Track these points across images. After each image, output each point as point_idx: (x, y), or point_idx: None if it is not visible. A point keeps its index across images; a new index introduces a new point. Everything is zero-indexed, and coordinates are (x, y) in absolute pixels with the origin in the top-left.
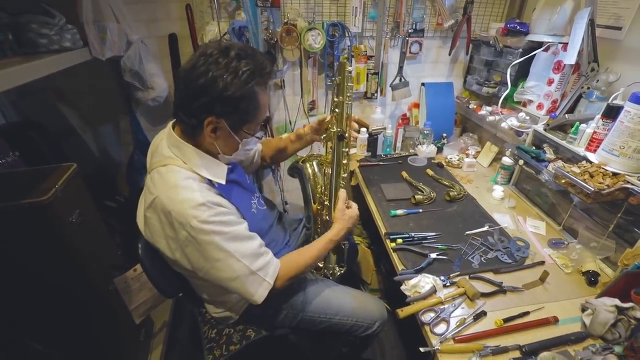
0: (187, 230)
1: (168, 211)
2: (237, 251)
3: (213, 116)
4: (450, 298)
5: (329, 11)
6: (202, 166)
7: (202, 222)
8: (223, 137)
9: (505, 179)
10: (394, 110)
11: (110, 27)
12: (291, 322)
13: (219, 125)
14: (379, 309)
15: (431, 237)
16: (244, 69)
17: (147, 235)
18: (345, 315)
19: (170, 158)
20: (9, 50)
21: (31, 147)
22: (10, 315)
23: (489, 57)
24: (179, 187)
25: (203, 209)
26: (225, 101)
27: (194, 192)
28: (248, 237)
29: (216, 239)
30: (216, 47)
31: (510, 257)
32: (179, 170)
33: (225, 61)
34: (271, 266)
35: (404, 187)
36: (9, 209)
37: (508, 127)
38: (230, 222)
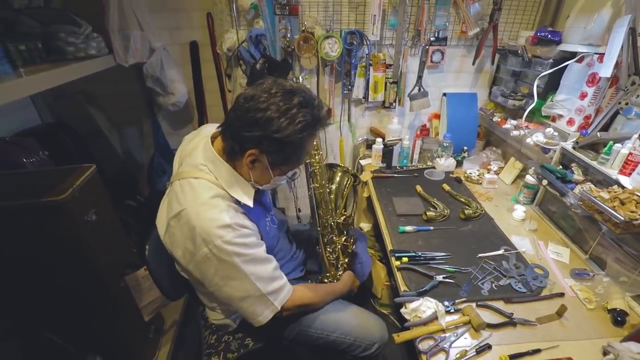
0: (209, 248)
1: (193, 226)
2: (253, 273)
3: (257, 150)
4: (453, 326)
5: (347, 19)
6: (233, 186)
7: (225, 243)
8: (259, 170)
9: (528, 199)
10: (413, 120)
11: (134, 35)
12: (289, 335)
13: (259, 158)
14: (379, 330)
15: (440, 257)
16: (301, 119)
17: (166, 241)
18: (344, 333)
19: (204, 172)
20: (38, 57)
21: (60, 148)
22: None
23: (516, 68)
24: (208, 204)
25: (229, 230)
26: (273, 141)
27: (222, 212)
28: (266, 260)
29: (236, 260)
30: (281, 88)
31: (525, 285)
32: (211, 187)
33: (286, 106)
34: (282, 291)
35: (416, 202)
36: (27, 206)
37: (533, 143)
38: (252, 244)
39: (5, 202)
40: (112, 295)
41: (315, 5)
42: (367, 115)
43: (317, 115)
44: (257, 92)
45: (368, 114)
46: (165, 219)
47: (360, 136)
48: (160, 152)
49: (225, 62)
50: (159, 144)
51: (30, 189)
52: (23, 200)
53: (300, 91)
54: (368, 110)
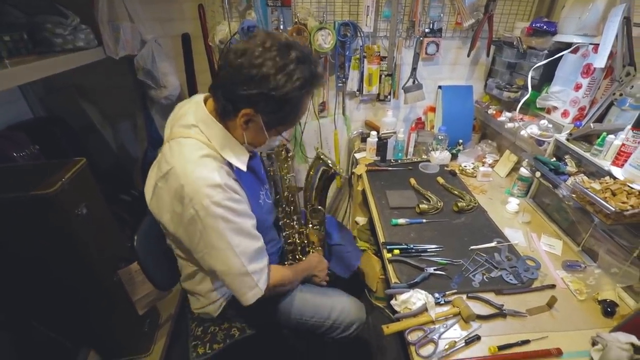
0: (195, 209)
1: (181, 184)
2: (238, 245)
3: (252, 109)
4: (443, 318)
5: (341, 10)
6: (226, 148)
7: (213, 204)
8: (254, 130)
9: (522, 191)
10: (408, 113)
11: (124, 27)
12: (270, 323)
13: (254, 119)
14: (357, 310)
15: (432, 250)
16: (299, 75)
17: (153, 206)
18: (322, 317)
19: (194, 132)
20: (24, 49)
21: (52, 142)
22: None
23: (511, 59)
24: (198, 162)
25: (218, 190)
26: (270, 100)
27: (213, 172)
28: (253, 236)
29: (222, 225)
30: (276, 42)
31: (516, 277)
32: (201, 146)
33: (283, 62)
34: (264, 273)
35: (410, 195)
36: (16, 200)
37: (528, 136)
38: (241, 212)
39: None
40: (105, 289)
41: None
42: (362, 108)
43: (315, 72)
44: (249, 46)
45: (363, 107)
46: (153, 181)
47: (355, 129)
48: (154, 146)
49: (217, 55)
50: (152, 137)
51: (19, 182)
52: (12, 193)
53: (296, 45)
54: (363, 103)
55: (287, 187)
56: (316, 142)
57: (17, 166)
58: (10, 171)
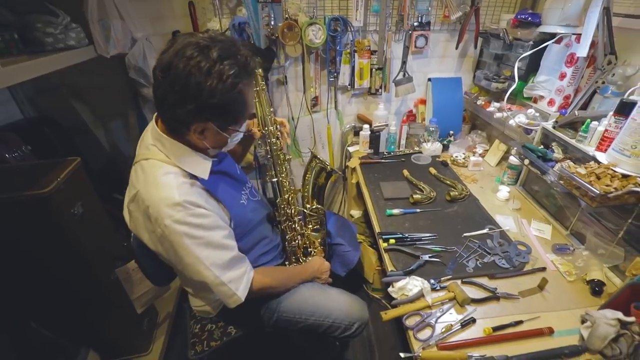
0: (161, 228)
1: (147, 206)
2: (207, 258)
3: (200, 121)
4: (439, 303)
5: (331, 5)
6: (185, 160)
7: (174, 222)
8: (211, 136)
9: (512, 179)
10: (400, 106)
11: (115, 25)
12: (268, 322)
13: (206, 127)
14: (359, 310)
15: (426, 238)
16: (229, 73)
17: (132, 227)
18: (322, 315)
19: (153, 152)
20: (15, 49)
21: (44, 142)
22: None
23: (498, 51)
24: (157, 183)
25: (178, 208)
26: (210, 108)
27: (172, 190)
28: (222, 246)
29: (187, 242)
30: (194, 47)
31: (508, 262)
32: (161, 165)
33: (207, 65)
34: (243, 280)
35: (403, 186)
36: (11, 200)
37: (516, 125)
38: (206, 226)
39: None
40: (103, 288)
41: None
42: (354, 102)
43: (243, 62)
44: (171, 59)
45: (355, 100)
46: (126, 205)
47: (348, 123)
48: None
49: None
50: None
51: (14, 183)
52: (7, 194)
53: (216, 42)
54: (354, 97)
55: (286, 190)
56: (309, 137)
57: (11, 167)
58: (5, 172)
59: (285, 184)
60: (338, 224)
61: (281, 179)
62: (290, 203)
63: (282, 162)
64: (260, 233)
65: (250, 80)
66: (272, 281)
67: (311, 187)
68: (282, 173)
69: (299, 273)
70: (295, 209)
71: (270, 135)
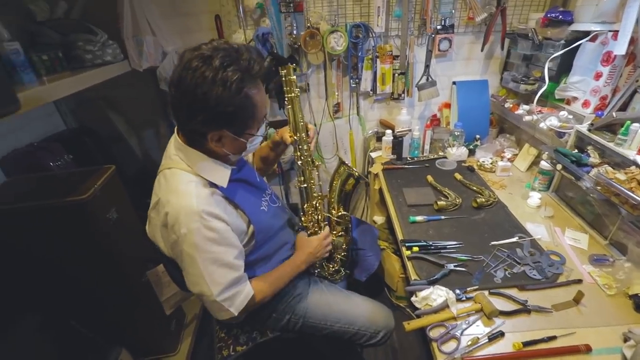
0: (176, 234)
1: (165, 213)
2: (209, 275)
3: (214, 130)
4: (465, 314)
5: (352, 13)
6: (205, 169)
7: (189, 232)
8: (229, 143)
9: (543, 185)
10: (423, 111)
11: (147, 40)
12: (294, 327)
13: (222, 134)
14: (384, 318)
15: (451, 246)
16: (232, 79)
17: (150, 233)
18: (347, 322)
19: (175, 161)
20: (59, 66)
21: (84, 151)
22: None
23: (527, 51)
24: (178, 191)
25: (195, 218)
26: (221, 116)
27: (191, 198)
28: (228, 265)
29: (196, 254)
30: (199, 58)
31: (540, 272)
32: (181, 174)
33: (211, 74)
34: (239, 297)
35: (427, 192)
36: (53, 206)
37: (547, 128)
38: (218, 240)
39: (33, 202)
40: (134, 290)
41: (319, 0)
42: (376, 107)
43: (246, 66)
44: (180, 73)
45: (377, 106)
46: (148, 213)
47: (370, 129)
48: None
49: None
50: None
51: (55, 189)
52: (49, 200)
53: (218, 50)
54: (377, 103)
55: (315, 196)
56: (332, 143)
57: (54, 174)
58: (48, 179)
59: (314, 190)
60: (360, 230)
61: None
62: (317, 209)
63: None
64: (281, 239)
65: (256, 83)
66: (272, 287)
67: (337, 193)
68: (311, 179)
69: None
70: (322, 214)
71: (302, 141)
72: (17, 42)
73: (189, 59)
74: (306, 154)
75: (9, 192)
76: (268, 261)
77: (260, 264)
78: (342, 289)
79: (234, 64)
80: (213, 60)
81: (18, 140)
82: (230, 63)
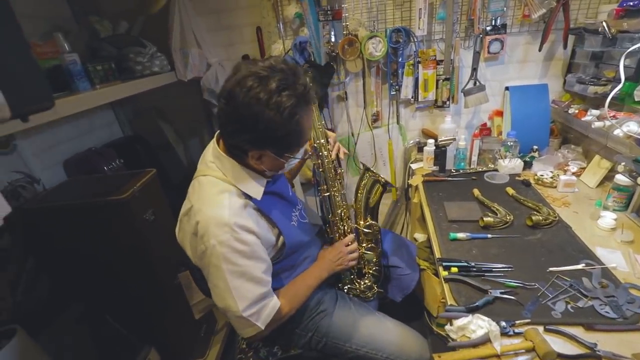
0: (205, 245)
1: (196, 221)
2: (236, 289)
3: (257, 149)
4: (512, 352)
5: (392, 17)
6: (240, 180)
7: (219, 244)
8: (268, 161)
9: (620, 204)
10: (471, 119)
11: (192, 52)
12: (317, 346)
13: (264, 154)
14: (417, 348)
15: (498, 269)
16: (286, 104)
17: (179, 237)
18: (375, 348)
19: (212, 169)
20: (112, 76)
21: (134, 157)
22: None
23: (596, 48)
24: (210, 200)
25: (226, 229)
26: (267, 138)
27: (224, 209)
28: (256, 280)
29: (223, 266)
30: (254, 77)
31: (615, 310)
32: (217, 183)
33: (265, 96)
34: (265, 310)
35: (472, 207)
36: (97, 204)
37: (624, 135)
38: (249, 254)
39: (80, 200)
40: (166, 291)
41: (358, 7)
42: (418, 116)
43: (302, 92)
44: (233, 88)
45: (419, 114)
46: (180, 218)
47: (412, 139)
48: None
49: None
50: None
51: (103, 190)
52: (94, 198)
53: (275, 71)
54: (419, 111)
55: (339, 206)
56: (370, 154)
57: (105, 176)
58: (99, 180)
59: (337, 199)
60: (395, 244)
61: (333, 192)
62: (343, 219)
63: (333, 176)
64: (307, 252)
65: (308, 109)
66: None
67: (364, 203)
68: (334, 188)
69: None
70: (349, 225)
71: (322, 148)
72: (75, 54)
73: (244, 76)
74: (327, 161)
75: (64, 191)
76: (293, 272)
77: (285, 274)
78: (373, 310)
79: (289, 88)
80: (269, 81)
81: (82, 144)
82: (286, 87)
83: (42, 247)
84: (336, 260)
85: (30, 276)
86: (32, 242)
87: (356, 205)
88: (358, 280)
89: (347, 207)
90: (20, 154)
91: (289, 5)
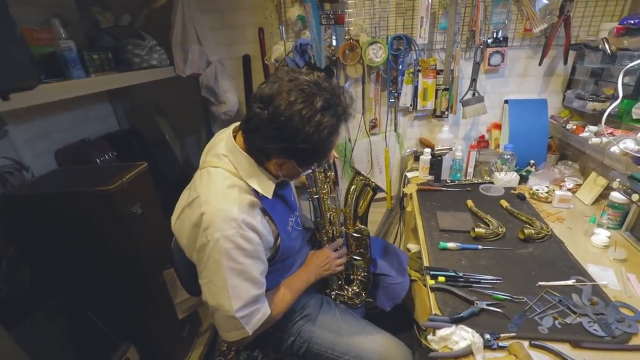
0: (208, 238)
1: (202, 212)
2: (233, 287)
3: (283, 158)
4: None
5: (394, 25)
6: (252, 177)
7: (223, 237)
8: (287, 169)
9: (614, 222)
10: (469, 131)
11: (192, 49)
12: (298, 351)
13: (286, 162)
14: (401, 356)
15: (487, 281)
16: (326, 125)
17: (176, 228)
18: (357, 356)
19: (224, 162)
20: (108, 66)
21: (128, 150)
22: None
23: (596, 65)
24: (220, 193)
25: (233, 224)
26: (300, 151)
27: (233, 204)
28: (253, 280)
29: (224, 262)
30: (300, 92)
31: (604, 328)
32: (228, 177)
33: (309, 114)
34: (256, 315)
35: (464, 218)
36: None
37: (621, 152)
38: (250, 253)
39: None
40: (149, 288)
41: (361, 13)
42: (416, 125)
43: (342, 112)
44: (274, 95)
45: (417, 123)
46: (181, 206)
47: (409, 147)
48: None
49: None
50: None
51: (91, 180)
52: (81, 187)
53: (321, 90)
54: (417, 120)
55: (328, 210)
56: (367, 160)
57: (95, 167)
58: (89, 170)
59: (327, 202)
60: (385, 251)
61: (322, 195)
62: (332, 223)
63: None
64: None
65: (340, 128)
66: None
67: (353, 207)
68: (324, 190)
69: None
70: (338, 229)
71: None
72: (71, 41)
73: (290, 87)
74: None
75: (52, 180)
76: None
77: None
78: (358, 317)
79: (332, 108)
80: (315, 99)
81: (77, 135)
82: (329, 107)
83: (25, 235)
84: (323, 265)
85: (11, 264)
86: (16, 229)
87: (346, 210)
88: (346, 287)
89: (337, 210)
90: (10, 140)
91: (292, 7)
